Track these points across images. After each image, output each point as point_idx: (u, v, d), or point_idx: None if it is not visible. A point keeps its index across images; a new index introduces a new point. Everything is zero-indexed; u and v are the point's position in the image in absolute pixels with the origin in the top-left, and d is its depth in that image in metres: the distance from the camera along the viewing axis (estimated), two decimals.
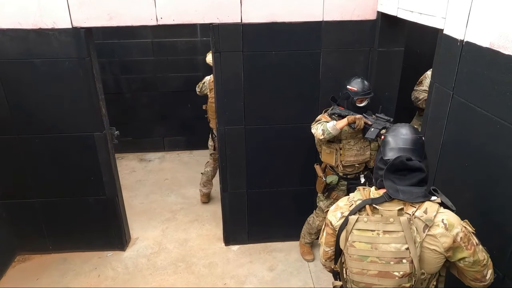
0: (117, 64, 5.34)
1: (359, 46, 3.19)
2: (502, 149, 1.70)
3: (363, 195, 1.62)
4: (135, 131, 5.74)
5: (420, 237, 1.47)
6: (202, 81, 4.29)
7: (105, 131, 3.33)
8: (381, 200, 1.54)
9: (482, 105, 1.84)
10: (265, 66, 3.19)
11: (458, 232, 1.46)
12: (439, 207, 1.50)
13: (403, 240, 1.48)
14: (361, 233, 1.55)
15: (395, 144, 1.62)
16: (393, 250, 1.50)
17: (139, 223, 4.24)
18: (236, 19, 2.98)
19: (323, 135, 2.95)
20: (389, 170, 1.54)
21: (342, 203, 1.68)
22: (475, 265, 1.51)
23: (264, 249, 3.85)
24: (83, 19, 2.89)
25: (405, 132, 1.65)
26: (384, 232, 1.51)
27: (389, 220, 1.50)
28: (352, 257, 1.59)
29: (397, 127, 1.71)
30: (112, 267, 3.62)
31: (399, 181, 1.53)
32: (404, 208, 1.50)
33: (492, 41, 1.72)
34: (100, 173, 3.43)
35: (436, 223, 1.46)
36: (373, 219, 1.53)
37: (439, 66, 2.28)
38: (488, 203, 1.83)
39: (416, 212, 1.48)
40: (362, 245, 1.55)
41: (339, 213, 1.64)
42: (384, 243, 1.51)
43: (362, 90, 2.96)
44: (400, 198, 1.50)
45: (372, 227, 1.53)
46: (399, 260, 1.50)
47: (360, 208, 1.57)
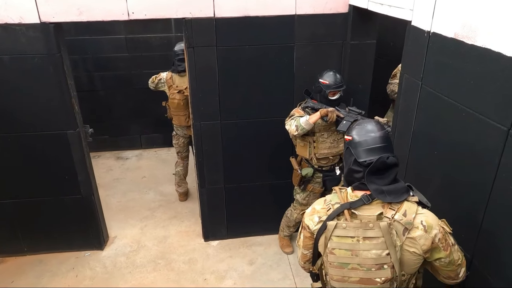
0: (90, 61, 5.24)
1: (332, 39, 3.23)
2: (468, 137, 1.75)
3: (340, 198, 1.58)
4: (111, 129, 5.65)
5: (400, 241, 1.46)
6: (157, 77, 4.23)
7: (79, 129, 3.27)
8: (360, 204, 1.51)
9: (448, 94, 1.89)
10: (239, 60, 3.19)
11: (437, 233, 1.47)
12: (418, 207, 1.50)
13: (384, 246, 1.47)
14: (340, 240, 1.52)
15: (367, 144, 1.57)
16: (374, 256, 1.48)
17: (117, 221, 4.19)
18: (209, 13, 2.97)
19: (297, 131, 2.98)
20: (370, 172, 1.52)
21: (319, 206, 1.63)
22: (450, 265, 1.54)
23: (244, 244, 3.87)
24: (51, 14, 2.82)
25: (371, 129, 1.61)
26: (364, 238, 1.49)
27: (369, 226, 1.48)
28: (332, 264, 1.56)
29: (361, 125, 1.66)
30: (90, 267, 3.57)
31: (380, 181, 1.52)
32: (383, 212, 1.49)
33: (456, 31, 1.77)
34: (75, 172, 3.37)
35: (415, 226, 1.46)
36: (352, 225, 1.50)
37: (408, 57, 2.34)
38: (456, 189, 1.89)
39: (395, 216, 1.47)
40: (342, 252, 1.53)
41: (317, 217, 1.61)
42: (364, 250, 1.49)
43: (334, 83, 2.99)
44: (387, 200, 1.48)
45: (352, 234, 1.50)
46: (380, 266, 1.48)
47: (338, 213, 1.54)
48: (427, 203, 1.56)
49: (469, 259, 1.79)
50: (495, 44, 1.51)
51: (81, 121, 3.33)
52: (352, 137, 1.62)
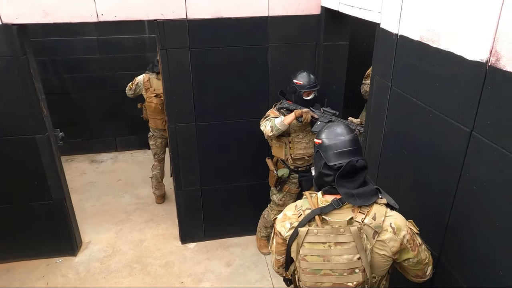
0: (60, 63, 5.10)
1: (306, 41, 3.25)
2: (435, 138, 1.79)
3: (311, 203, 1.58)
4: (84, 131, 5.53)
5: (371, 244, 1.48)
6: (134, 82, 4.16)
7: (48, 133, 3.19)
8: (330, 209, 1.52)
9: (416, 95, 1.93)
10: (213, 62, 3.17)
11: (405, 235, 1.50)
12: (386, 210, 1.52)
13: (355, 250, 1.48)
14: (312, 246, 1.52)
15: (336, 147, 1.58)
16: (345, 261, 1.49)
17: (91, 226, 4.11)
18: (181, 15, 2.94)
19: (272, 132, 2.99)
20: (340, 176, 1.52)
21: (290, 212, 1.63)
22: (418, 264, 1.57)
23: (221, 245, 3.85)
24: (14, 15, 2.73)
25: (341, 132, 1.62)
26: (336, 243, 1.49)
27: (340, 231, 1.48)
28: (305, 271, 1.56)
29: (330, 129, 1.66)
30: (62, 274, 3.48)
31: (350, 185, 1.52)
32: (353, 216, 1.50)
33: (422, 34, 1.80)
34: (45, 177, 3.28)
35: (384, 228, 1.48)
36: (323, 231, 1.50)
37: (378, 59, 2.37)
38: (424, 189, 1.93)
39: (365, 219, 1.48)
40: (314, 258, 1.53)
41: (288, 224, 1.60)
42: (336, 255, 1.49)
43: (308, 84, 3.01)
44: (357, 204, 1.49)
45: (323, 240, 1.50)
46: (352, 271, 1.49)
47: (309, 219, 1.54)
48: (395, 205, 1.58)
49: (437, 256, 1.83)
50: (457, 48, 1.55)
51: (51, 125, 3.25)
52: (322, 141, 1.63)
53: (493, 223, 1.43)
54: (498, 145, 1.37)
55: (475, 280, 1.58)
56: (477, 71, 1.44)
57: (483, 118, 1.44)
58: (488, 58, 1.37)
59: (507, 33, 1.26)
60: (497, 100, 1.36)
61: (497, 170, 1.39)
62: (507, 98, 1.30)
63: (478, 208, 1.52)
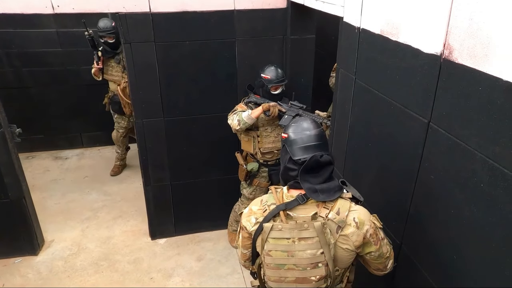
0: (16, 56, 4.88)
1: (273, 34, 3.25)
2: (396, 129, 1.84)
3: (276, 198, 1.59)
4: (46, 127, 5.34)
5: (334, 238, 1.50)
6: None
7: (3, 129, 3.05)
8: (295, 204, 1.53)
9: (378, 88, 1.97)
10: (180, 56, 3.13)
11: (368, 229, 1.52)
12: (350, 204, 1.54)
13: (318, 245, 1.49)
14: (276, 241, 1.53)
15: (302, 142, 1.59)
16: (309, 256, 1.51)
17: (55, 224, 3.99)
18: (144, 8, 2.88)
19: (239, 126, 2.98)
20: (304, 171, 1.53)
21: (256, 207, 1.64)
22: (380, 258, 1.60)
23: (192, 240, 3.83)
24: None
25: (307, 127, 1.63)
26: (300, 239, 1.50)
27: (304, 226, 1.49)
28: (269, 266, 1.57)
29: (297, 123, 1.67)
30: (21, 274, 3.36)
31: (314, 180, 1.53)
32: (317, 212, 1.51)
33: (382, 28, 1.84)
34: (1, 175, 3.14)
35: (348, 223, 1.50)
36: (287, 226, 1.51)
37: (342, 52, 2.41)
38: (387, 179, 1.98)
39: (329, 214, 1.50)
40: (279, 253, 1.54)
41: (254, 218, 1.61)
42: (300, 250, 1.51)
43: (276, 78, 3.02)
44: (320, 199, 1.50)
45: (287, 235, 1.51)
46: (315, 265, 1.51)
47: (274, 214, 1.55)
48: (360, 197, 1.61)
49: (399, 244, 1.89)
50: (414, 41, 1.59)
51: (6, 121, 3.11)
52: (288, 135, 1.63)
53: (449, 210, 1.49)
54: (452, 135, 1.42)
55: (433, 265, 1.64)
56: (433, 64, 1.48)
57: (439, 109, 1.49)
58: (442, 51, 1.42)
59: (458, 27, 1.31)
60: (450, 91, 1.41)
61: (452, 160, 1.45)
62: (459, 89, 1.35)
63: (436, 196, 1.57)
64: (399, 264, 1.87)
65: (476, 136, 1.29)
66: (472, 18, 1.22)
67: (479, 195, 1.30)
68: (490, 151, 1.23)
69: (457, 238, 1.45)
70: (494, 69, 1.16)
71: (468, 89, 1.30)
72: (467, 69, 1.28)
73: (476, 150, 1.29)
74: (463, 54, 1.29)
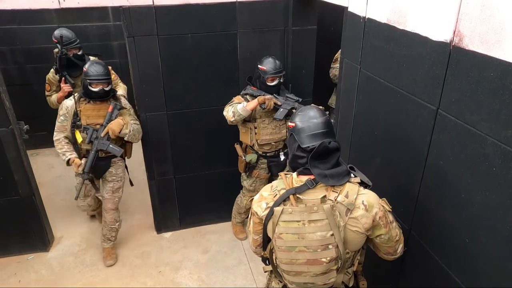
0: (20, 52, 4.86)
1: (274, 26, 3.25)
2: (403, 117, 1.87)
3: (286, 183, 1.63)
4: (49, 124, 5.27)
5: (343, 221, 1.53)
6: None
7: (12, 126, 3.06)
8: (304, 188, 1.56)
9: (384, 77, 1.99)
10: (182, 49, 3.13)
11: (377, 212, 1.55)
12: (359, 188, 1.57)
13: (328, 227, 1.53)
14: (287, 224, 1.57)
15: (309, 130, 1.62)
16: (319, 238, 1.54)
17: (63, 220, 4.00)
18: (147, 1, 2.87)
19: (234, 117, 2.99)
20: (313, 157, 1.56)
21: (266, 192, 1.68)
22: (389, 241, 1.64)
23: (198, 233, 3.86)
24: None
25: (314, 115, 1.66)
26: (310, 221, 1.54)
27: (313, 209, 1.53)
28: (281, 248, 1.61)
29: (303, 112, 1.70)
30: (35, 270, 3.40)
31: (323, 166, 1.57)
32: (326, 195, 1.55)
33: (389, 17, 1.86)
34: (11, 172, 3.16)
35: (357, 206, 1.53)
36: (297, 209, 1.55)
37: (346, 42, 2.42)
38: (395, 166, 2.01)
39: (338, 197, 1.53)
40: (289, 236, 1.58)
41: (264, 204, 1.65)
42: (310, 232, 1.55)
43: (274, 69, 3.00)
44: (330, 183, 1.54)
45: (298, 218, 1.55)
46: (326, 247, 1.55)
47: (284, 198, 1.59)
48: (368, 182, 1.64)
49: (408, 230, 1.92)
50: (423, 29, 1.61)
51: (14, 118, 3.12)
52: (295, 124, 1.66)
53: (459, 195, 1.52)
54: (462, 121, 1.45)
55: (443, 249, 1.67)
56: (442, 51, 1.51)
57: (448, 96, 1.52)
58: (451, 38, 1.44)
59: (469, 13, 1.33)
60: (460, 78, 1.43)
61: (462, 145, 1.47)
62: (470, 75, 1.38)
63: (445, 182, 1.60)
64: (409, 249, 1.91)
65: (488, 121, 1.31)
66: (484, 4, 1.24)
67: (492, 179, 1.33)
68: (502, 136, 1.25)
69: (469, 221, 1.48)
70: (507, 55, 1.18)
71: (479, 75, 1.32)
72: (478, 55, 1.30)
73: (487, 134, 1.32)
74: (474, 40, 1.31)
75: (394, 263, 1.89)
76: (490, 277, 1.41)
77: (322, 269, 1.59)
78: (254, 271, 3.39)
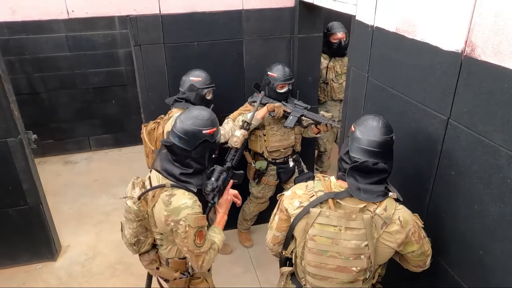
0: (28, 62, 4.90)
1: (280, 33, 3.26)
2: (412, 126, 1.85)
3: (324, 186, 1.60)
4: (56, 132, 5.36)
5: (378, 233, 1.52)
6: None
7: (20, 136, 3.07)
8: (344, 195, 1.54)
9: (393, 85, 1.98)
10: (188, 57, 3.14)
11: (411, 228, 1.54)
12: (396, 204, 1.56)
13: (364, 237, 1.51)
14: (323, 227, 1.55)
15: (364, 143, 1.55)
16: (353, 246, 1.53)
17: (69, 229, 4.01)
18: (154, 9, 2.89)
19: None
20: (353, 169, 1.54)
21: (301, 191, 1.64)
22: (421, 255, 1.62)
23: None
24: None
25: (375, 131, 1.56)
26: (346, 228, 1.52)
27: (352, 217, 1.51)
28: (311, 250, 1.59)
29: (369, 122, 1.60)
30: (43, 280, 3.39)
31: (361, 179, 1.53)
32: (366, 205, 1.52)
33: (398, 26, 1.85)
34: (19, 182, 3.16)
35: (393, 221, 1.51)
36: (336, 214, 1.53)
37: (354, 50, 2.41)
38: (405, 176, 1.99)
39: (377, 210, 1.51)
40: (323, 239, 1.56)
41: (297, 202, 1.62)
42: (345, 239, 1.53)
43: (283, 76, 3.00)
44: (361, 198, 1.51)
45: (335, 223, 1.53)
46: (358, 256, 1.54)
47: (322, 200, 1.56)
48: (400, 197, 1.61)
49: None
50: (433, 39, 1.60)
51: (23, 127, 3.13)
52: (355, 130, 1.61)
53: (472, 206, 1.50)
54: (475, 132, 1.43)
55: (456, 261, 1.65)
56: (453, 61, 1.49)
57: (460, 106, 1.50)
58: (463, 48, 1.42)
59: (482, 24, 1.31)
60: (472, 88, 1.42)
61: (474, 156, 1.46)
62: (482, 86, 1.36)
63: (457, 192, 1.59)
64: None
65: (501, 132, 1.29)
66: (497, 15, 1.23)
67: (506, 191, 1.31)
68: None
69: (483, 233, 1.46)
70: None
71: (492, 85, 1.31)
72: (491, 66, 1.29)
73: (501, 146, 1.30)
74: (487, 51, 1.30)
75: (406, 276, 1.87)
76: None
77: (350, 278, 1.58)
78: (261, 279, 3.37)
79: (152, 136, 2.98)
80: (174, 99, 2.91)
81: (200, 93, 2.89)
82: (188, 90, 2.87)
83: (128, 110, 5.51)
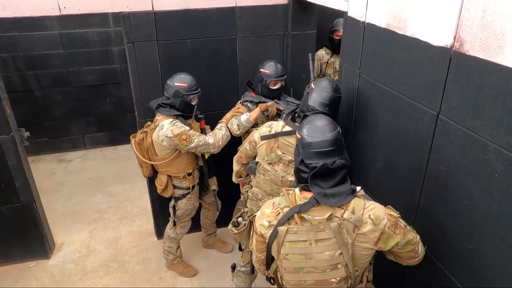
0: (21, 59, 4.89)
1: (274, 30, 3.25)
2: (403, 121, 1.85)
3: (289, 201, 1.55)
4: (50, 130, 5.35)
5: (351, 238, 1.46)
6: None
7: (13, 133, 3.06)
8: (309, 206, 1.49)
9: (384, 81, 1.98)
10: (182, 54, 3.13)
11: (386, 223, 1.48)
12: (365, 202, 1.50)
13: (336, 246, 1.46)
14: (293, 244, 1.50)
15: (315, 146, 1.51)
16: (327, 258, 1.48)
17: (63, 227, 4.00)
18: (147, 6, 2.88)
19: (239, 130, 2.97)
20: (314, 176, 1.49)
21: (268, 210, 1.60)
22: (408, 245, 1.55)
23: (198, 239, 3.84)
24: None
25: (322, 129, 1.54)
26: (316, 241, 1.47)
27: (320, 228, 1.46)
28: (287, 270, 1.54)
29: (312, 123, 1.58)
30: (37, 278, 3.38)
31: (324, 184, 1.49)
32: (332, 212, 1.47)
33: (388, 22, 1.85)
34: (12, 179, 3.16)
35: (364, 221, 1.46)
36: (303, 228, 1.48)
37: (346, 47, 2.41)
38: (395, 172, 1.99)
39: (344, 214, 1.46)
40: (296, 257, 1.51)
41: (266, 222, 1.58)
42: (317, 252, 1.48)
43: (276, 73, 2.99)
44: (331, 204, 1.46)
45: (304, 238, 1.48)
46: (334, 266, 1.49)
47: (288, 217, 1.51)
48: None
49: None
50: (423, 34, 1.60)
51: (15, 124, 3.12)
52: (302, 136, 1.57)
53: (461, 201, 1.51)
54: (464, 127, 1.44)
55: (446, 255, 1.66)
56: (442, 56, 1.49)
57: (449, 101, 1.50)
58: (452, 43, 1.43)
59: (470, 19, 1.32)
60: (461, 83, 1.42)
61: (463, 151, 1.46)
62: (471, 81, 1.37)
63: (446, 187, 1.59)
64: None
65: (489, 126, 1.30)
66: (485, 10, 1.23)
67: (494, 185, 1.31)
68: (504, 141, 1.24)
69: (471, 227, 1.46)
70: (508, 61, 1.17)
71: (480, 80, 1.31)
72: (479, 61, 1.29)
73: (489, 140, 1.31)
74: (475, 46, 1.30)
75: (396, 270, 1.88)
76: (493, 283, 1.39)
77: None
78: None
79: (142, 146, 2.95)
80: (159, 104, 2.86)
81: (185, 99, 2.83)
82: (173, 96, 2.81)
83: (123, 108, 5.50)
